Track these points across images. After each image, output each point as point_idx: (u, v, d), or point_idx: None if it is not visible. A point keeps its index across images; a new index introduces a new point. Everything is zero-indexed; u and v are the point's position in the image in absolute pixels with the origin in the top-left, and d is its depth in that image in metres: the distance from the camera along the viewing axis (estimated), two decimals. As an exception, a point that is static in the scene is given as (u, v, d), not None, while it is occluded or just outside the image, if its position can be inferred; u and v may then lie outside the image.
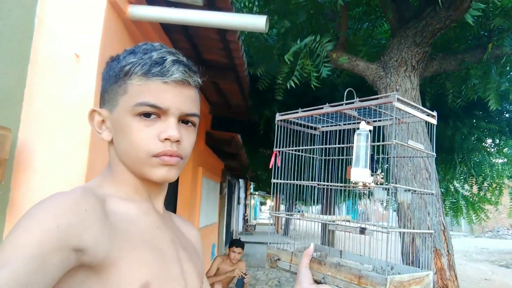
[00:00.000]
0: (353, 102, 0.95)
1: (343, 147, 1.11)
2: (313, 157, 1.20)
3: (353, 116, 1.09)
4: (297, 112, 1.11)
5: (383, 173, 1.00)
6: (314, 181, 1.18)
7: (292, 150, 1.16)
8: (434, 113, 1.03)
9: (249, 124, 5.61)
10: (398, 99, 0.87)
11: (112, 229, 0.59)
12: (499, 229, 22.86)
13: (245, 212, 20.05)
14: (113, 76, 0.68)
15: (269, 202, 38.60)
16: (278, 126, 1.16)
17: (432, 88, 4.24)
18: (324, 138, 1.21)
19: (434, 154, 1.08)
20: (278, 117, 1.15)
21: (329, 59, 3.23)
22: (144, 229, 0.65)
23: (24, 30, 1.80)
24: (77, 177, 1.69)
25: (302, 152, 1.18)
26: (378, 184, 0.96)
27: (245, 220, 19.76)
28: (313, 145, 1.19)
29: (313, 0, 3.10)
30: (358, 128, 0.95)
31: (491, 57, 3.20)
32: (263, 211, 45.79)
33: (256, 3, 3.89)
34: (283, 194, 1.17)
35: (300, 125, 1.21)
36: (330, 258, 1.09)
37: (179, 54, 0.69)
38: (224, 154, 6.65)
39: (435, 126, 1.02)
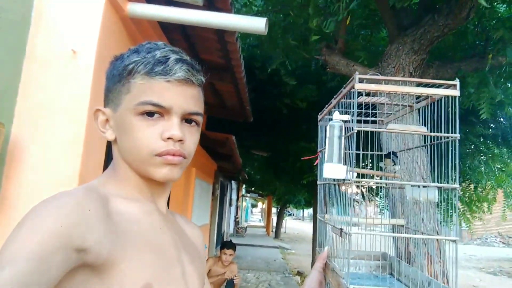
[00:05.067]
0: (341, 92, 0.92)
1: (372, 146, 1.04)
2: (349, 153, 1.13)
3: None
4: (324, 111, 1.11)
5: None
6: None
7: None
8: (456, 82, 0.83)
9: (244, 125, 5.62)
10: (359, 79, 0.80)
11: (115, 229, 0.58)
12: (488, 236, 23.11)
13: (237, 214, 20.00)
14: (117, 75, 0.68)
15: (261, 205, 38.57)
16: (320, 126, 1.14)
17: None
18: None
19: (458, 135, 0.82)
20: (319, 117, 1.16)
21: (328, 66, 3.25)
22: (146, 229, 0.65)
23: (20, 25, 1.77)
24: (70, 175, 1.66)
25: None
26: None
27: (236, 222, 19.72)
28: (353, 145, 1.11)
29: (314, 3, 3.10)
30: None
31: (487, 67, 3.23)
32: (254, 213, 45.76)
33: (257, 3, 3.91)
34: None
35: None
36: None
37: (182, 53, 0.69)
38: (217, 155, 6.62)
39: (457, 99, 0.82)
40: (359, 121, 0.83)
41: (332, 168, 0.85)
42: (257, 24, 2.03)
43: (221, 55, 3.13)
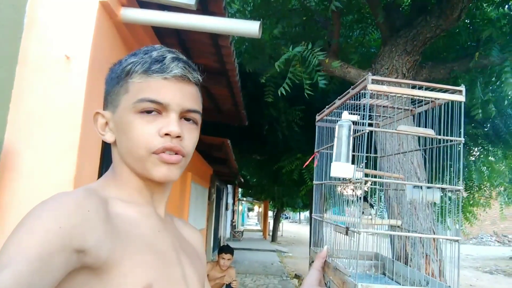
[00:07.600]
0: (348, 92, 0.91)
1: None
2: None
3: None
4: (324, 112, 1.11)
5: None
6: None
7: (327, 149, 1.11)
8: (461, 88, 0.83)
9: (240, 129, 5.62)
10: (372, 80, 0.79)
11: (115, 231, 0.58)
12: (483, 235, 23.21)
13: (233, 218, 19.94)
14: (115, 78, 0.69)
15: (257, 208, 38.45)
16: (317, 127, 1.15)
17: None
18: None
19: (462, 139, 0.82)
20: (317, 118, 1.15)
21: (322, 68, 3.25)
22: (145, 232, 0.65)
23: (12, 30, 1.75)
24: (65, 181, 1.64)
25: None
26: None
27: (233, 226, 19.64)
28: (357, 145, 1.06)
29: (305, 7, 3.12)
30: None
31: (479, 66, 3.26)
32: (250, 217, 45.66)
33: (249, 9, 3.91)
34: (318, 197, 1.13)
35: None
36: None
37: (178, 52, 0.70)
38: (213, 159, 6.61)
39: (463, 104, 0.82)
40: (356, 123, 0.84)
41: (340, 167, 0.84)
42: (251, 27, 2.03)
43: (216, 59, 3.13)
